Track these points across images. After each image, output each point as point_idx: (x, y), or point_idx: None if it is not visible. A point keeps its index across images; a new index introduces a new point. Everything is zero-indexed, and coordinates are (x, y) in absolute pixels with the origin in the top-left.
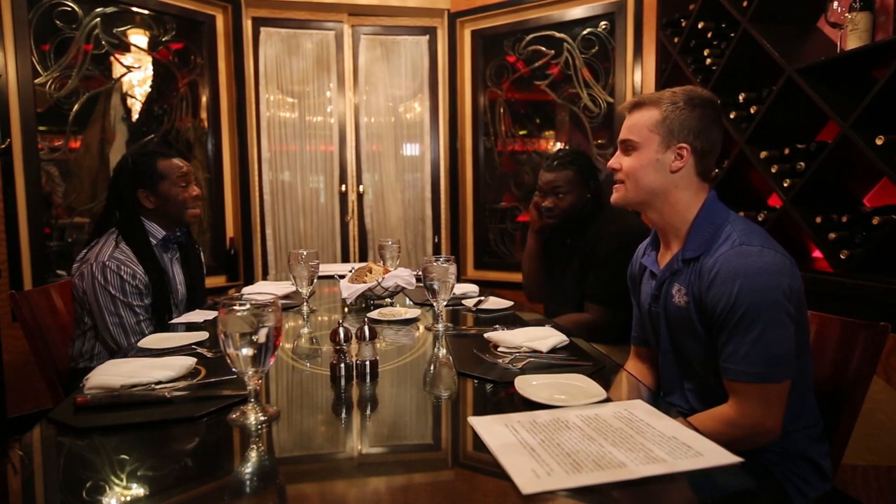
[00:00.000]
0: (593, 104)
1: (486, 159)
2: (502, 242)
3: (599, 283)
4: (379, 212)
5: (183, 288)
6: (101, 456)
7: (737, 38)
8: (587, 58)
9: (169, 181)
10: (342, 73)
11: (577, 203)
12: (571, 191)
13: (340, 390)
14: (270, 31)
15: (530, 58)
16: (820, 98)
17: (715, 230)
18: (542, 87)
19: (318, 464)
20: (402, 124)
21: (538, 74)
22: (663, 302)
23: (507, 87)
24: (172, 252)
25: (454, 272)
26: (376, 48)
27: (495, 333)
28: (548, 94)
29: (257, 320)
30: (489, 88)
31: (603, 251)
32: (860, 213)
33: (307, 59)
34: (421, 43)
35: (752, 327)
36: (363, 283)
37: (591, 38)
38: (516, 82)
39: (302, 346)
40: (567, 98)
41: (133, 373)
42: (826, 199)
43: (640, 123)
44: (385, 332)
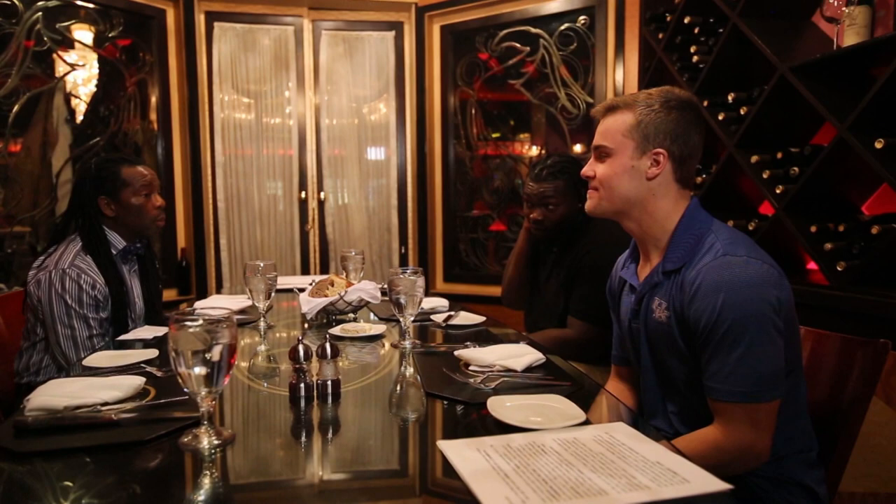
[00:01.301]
0: (571, 105)
1: (456, 164)
2: (474, 253)
3: (585, 297)
4: (341, 220)
5: (140, 302)
6: (43, 483)
7: (726, 33)
8: (565, 55)
9: (131, 189)
10: (302, 72)
11: (567, 214)
12: (562, 202)
13: (300, 412)
14: (225, 26)
15: (504, 55)
16: (815, 98)
17: (697, 240)
18: (517, 86)
19: (275, 491)
20: (367, 126)
21: (512, 73)
22: (643, 317)
23: (479, 87)
24: (131, 264)
25: (422, 285)
26: (339, 45)
27: (466, 351)
28: (523, 94)
29: (211, 337)
30: (460, 88)
31: (591, 263)
32: (858, 221)
33: (264, 57)
34: (386, 39)
35: (737, 343)
36: (324, 296)
37: (569, 33)
38: (489, 81)
39: (259, 365)
40: (543, 98)
41: (77, 393)
42: (821, 207)
43: (614, 128)
44: (348, 349)
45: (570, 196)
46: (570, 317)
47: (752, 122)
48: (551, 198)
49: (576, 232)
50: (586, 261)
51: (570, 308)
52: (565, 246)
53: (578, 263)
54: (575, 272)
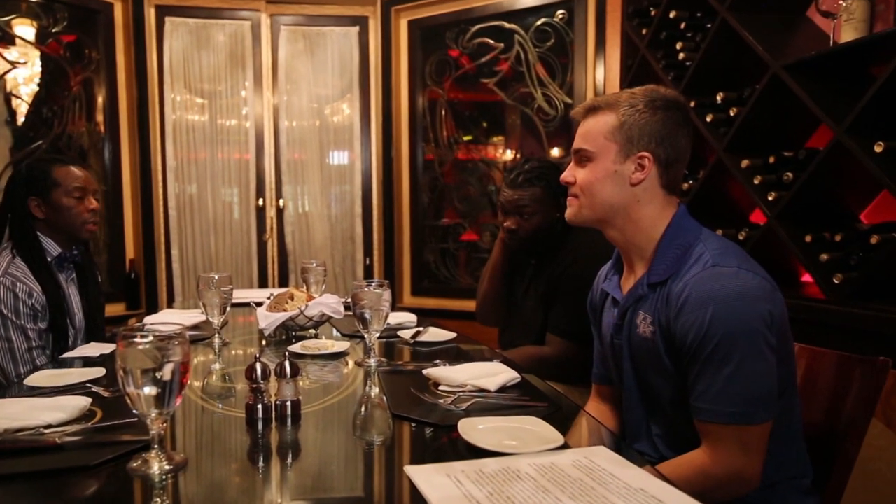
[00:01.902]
0: (549, 105)
1: (425, 169)
2: (444, 265)
3: (565, 313)
4: (302, 229)
5: (80, 313)
6: None
7: (714, 29)
8: (542, 52)
9: (63, 190)
10: (259, 70)
11: (543, 224)
12: (538, 211)
13: (257, 435)
14: (177, 21)
15: (476, 52)
16: (810, 98)
17: (684, 250)
18: (490, 85)
19: None
20: (329, 129)
21: (485, 71)
22: (626, 333)
23: (449, 86)
24: (68, 272)
25: (388, 299)
26: (298, 41)
27: (436, 370)
28: (496, 94)
29: (161, 354)
30: (429, 87)
31: (573, 277)
32: (856, 230)
33: (219, 54)
34: (350, 35)
35: (726, 360)
36: (283, 311)
37: (546, 29)
38: (460, 80)
39: (213, 385)
40: (518, 98)
41: (18, 415)
42: (817, 215)
43: (595, 130)
44: (309, 367)
45: (547, 204)
46: (549, 333)
47: (743, 124)
48: (527, 206)
49: (555, 243)
50: (567, 274)
51: (549, 324)
52: (544, 258)
53: (559, 277)
54: (555, 286)
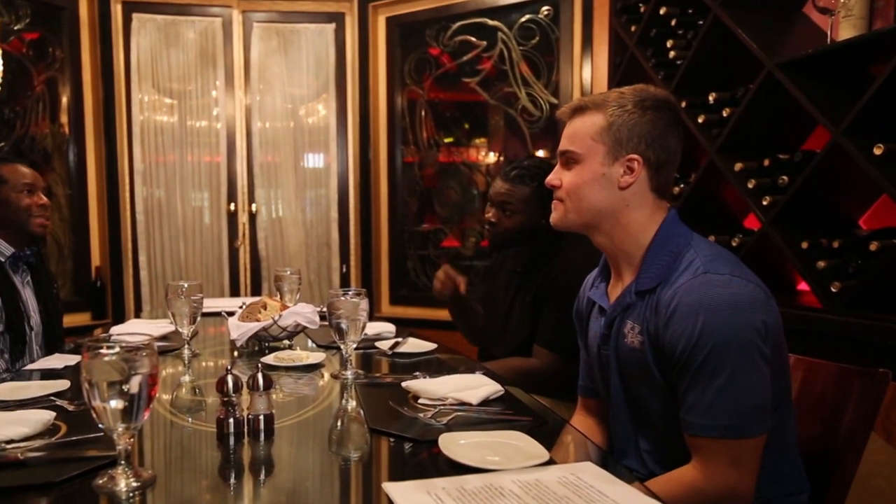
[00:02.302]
0: (533, 106)
1: (404, 172)
2: (424, 273)
3: (554, 325)
4: (275, 235)
5: (38, 317)
6: None
7: (706, 26)
8: (526, 50)
9: (10, 186)
10: (231, 69)
11: (524, 226)
12: (521, 211)
13: (229, 450)
14: (144, 17)
15: (457, 50)
16: (806, 98)
17: (674, 256)
18: (472, 85)
19: None
20: (304, 130)
21: (467, 70)
22: (614, 343)
23: (429, 86)
24: (23, 275)
25: (366, 308)
26: (272, 38)
27: (415, 382)
28: (479, 94)
29: (128, 366)
30: (408, 87)
31: (563, 288)
32: (855, 237)
33: (189, 52)
34: (326, 32)
35: (718, 372)
36: (256, 321)
37: (530, 26)
38: (441, 80)
39: (182, 398)
40: (502, 99)
41: None
42: (814, 221)
43: (582, 131)
44: (283, 380)
45: (533, 206)
46: (536, 346)
47: (736, 125)
48: (511, 203)
49: (542, 252)
50: (557, 285)
51: (537, 336)
52: (531, 268)
53: (548, 287)
54: (543, 297)
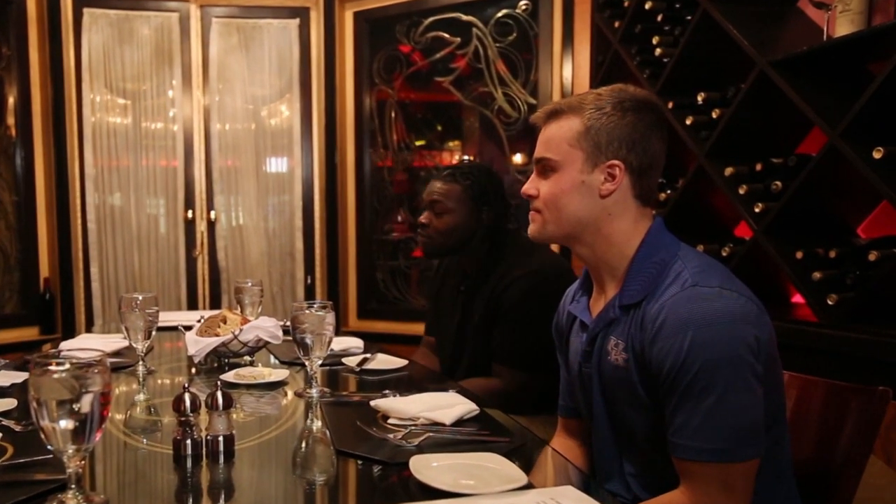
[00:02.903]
0: (510, 107)
1: (373, 177)
2: (394, 284)
3: (509, 339)
4: (235, 245)
5: None
6: None
7: (695, 21)
8: (503, 47)
9: None
10: (188, 68)
11: (457, 227)
12: (452, 210)
13: (186, 473)
14: (96, 12)
15: (430, 47)
16: (801, 99)
17: (661, 268)
18: (445, 84)
19: None
20: (266, 132)
21: (440, 69)
22: (596, 360)
23: (399, 85)
24: None
25: (332, 322)
26: (232, 35)
27: (385, 401)
28: (452, 94)
29: (79, 384)
30: (377, 87)
31: (511, 298)
32: (853, 246)
33: (143, 50)
34: (289, 28)
35: (708, 391)
36: (215, 336)
37: (507, 21)
38: (412, 79)
39: (137, 418)
40: (477, 99)
41: None
42: (809, 229)
43: (559, 137)
44: (243, 398)
45: (465, 205)
46: (496, 364)
47: (727, 127)
48: (440, 202)
49: (484, 265)
50: (506, 296)
51: (493, 354)
52: (475, 283)
53: (496, 300)
54: (493, 310)
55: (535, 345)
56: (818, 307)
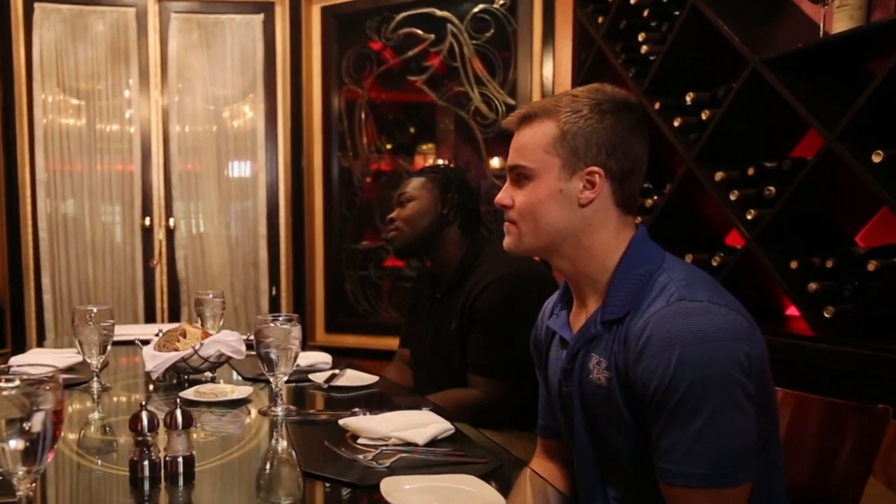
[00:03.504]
0: (487, 108)
1: (342, 182)
2: (364, 296)
3: (485, 347)
4: (196, 254)
5: None
6: None
7: (683, 17)
8: (479, 44)
9: None
10: (146, 66)
11: (422, 213)
12: (417, 197)
13: (143, 496)
14: (48, 7)
15: (402, 44)
16: (796, 99)
17: (645, 281)
18: (419, 84)
19: None
20: (228, 135)
21: (413, 67)
22: (577, 379)
23: (370, 85)
24: None
25: (298, 336)
26: (192, 31)
27: (354, 420)
28: (426, 94)
29: (30, 402)
30: (346, 86)
31: (486, 304)
32: (851, 255)
33: (98, 47)
34: (253, 24)
35: (696, 413)
36: (174, 350)
37: (484, 17)
38: (383, 78)
39: (91, 437)
40: (452, 99)
41: None
42: (804, 237)
43: (533, 143)
44: (204, 417)
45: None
46: (471, 375)
47: (717, 129)
48: (404, 193)
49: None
50: (480, 303)
51: (469, 364)
52: (450, 290)
53: (471, 306)
54: (469, 316)
55: (514, 353)
56: (814, 320)
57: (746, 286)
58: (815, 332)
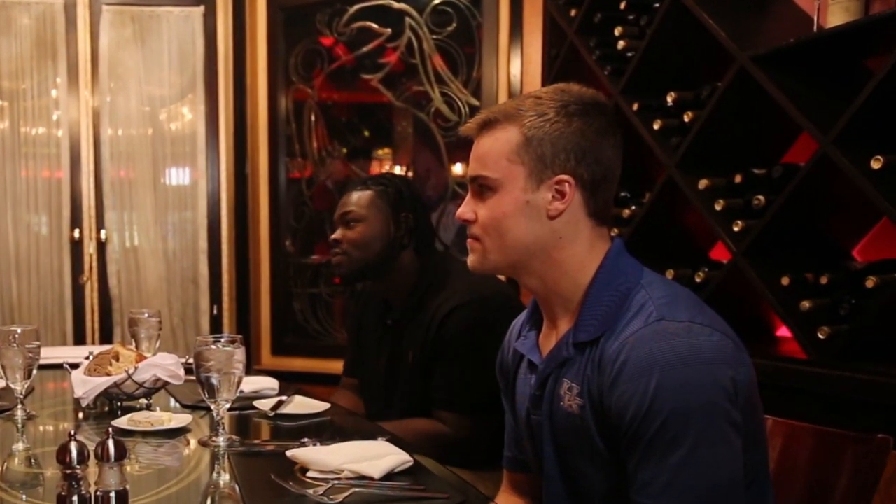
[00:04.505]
0: (449, 109)
1: (289, 191)
2: (314, 315)
3: (453, 381)
4: (130, 269)
5: None
6: None
7: (664, 9)
8: (440, 40)
9: None
10: (75, 63)
11: (373, 237)
12: (366, 218)
13: None
14: None
15: (356, 40)
16: (788, 99)
17: (621, 299)
18: (374, 83)
19: None
20: (165, 139)
21: (367, 65)
22: (547, 407)
23: (321, 84)
24: None
25: (242, 360)
26: (126, 25)
27: (303, 451)
28: (382, 94)
29: None
30: (295, 85)
31: (452, 332)
32: (847, 270)
33: (22, 42)
34: (192, 17)
35: (677, 443)
36: (106, 375)
37: (446, 10)
38: (335, 76)
39: (15, 470)
40: (410, 100)
41: None
42: (797, 251)
43: (495, 151)
44: (139, 448)
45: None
46: (439, 412)
47: (701, 132)
48: (350, 212)
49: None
50: (445, 332)
51: (435, 398)
52: (404, 315)
53: (433, 339)
54: (431, 349)
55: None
56: (807, 342)
57: (733, 304)
58: (808, 354)
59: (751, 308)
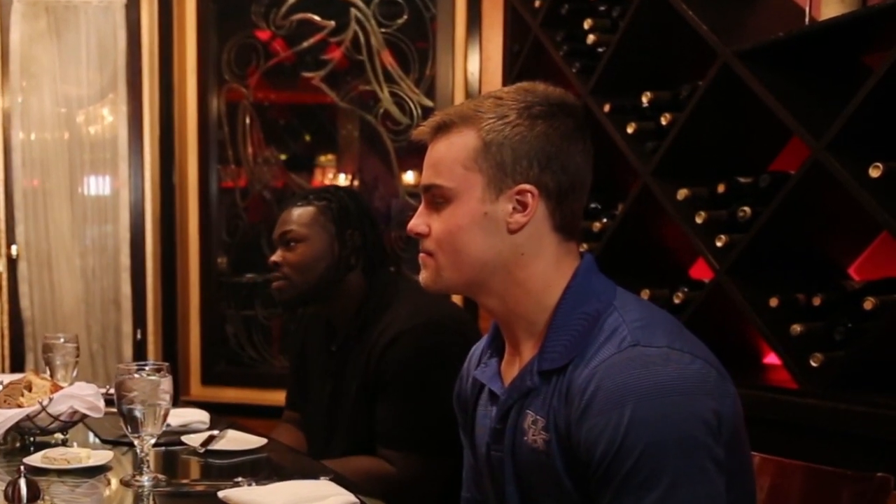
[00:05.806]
0: (400, 110)
1: (221, 202)
2: (248, 340)
3: (397, 415)
4: (44, 289)
5: None
6: None
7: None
8: (390, 34)
9: None
10: None
11: (317, 258)
12: (308, 237)
13: None
14: None
15: (295, 34)
16: (776, 100)
17: (591, 322)
18: (315, 81)
19: None
20: (83, 144)
21: (308, 61)
22: (510, 442)
23: (256, 83)
24: None
25: (168, 390)
26: (39, 18)
27: (237, 491)
28: (324, 94)
29: None
30: (227, 84)
31: (397, 360)
32: (843, 291)
33: None
34: (114, 9)
35: (652, 483)
36: (17, 407)
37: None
38: (272, 74)
39: None
40: (356, 100)
41: None
42: (787, 269)
43: (450, 157)
44: (54, 488)
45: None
46: (384, 450)
47: (680, 136)
48: (290, 231)
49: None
50: (389, 359)
51: (380, 434)
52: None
53: (376, 366)
54: (375, 380)
55: (434, 419)
56: (798, 370)
57: (716, 328)
58: (799, 384)
59: (736, 332)
